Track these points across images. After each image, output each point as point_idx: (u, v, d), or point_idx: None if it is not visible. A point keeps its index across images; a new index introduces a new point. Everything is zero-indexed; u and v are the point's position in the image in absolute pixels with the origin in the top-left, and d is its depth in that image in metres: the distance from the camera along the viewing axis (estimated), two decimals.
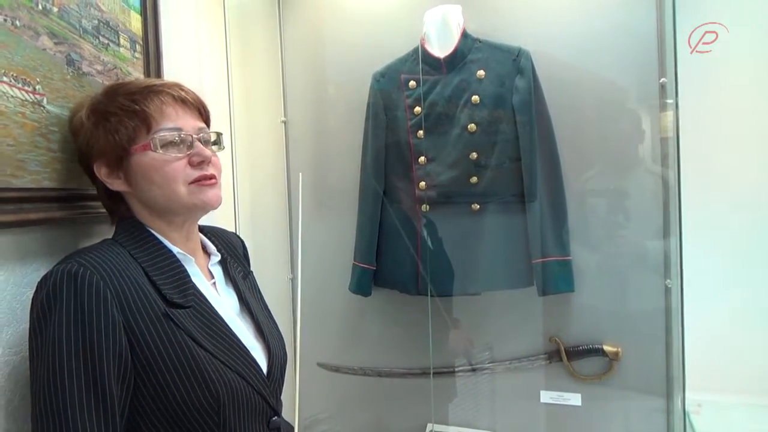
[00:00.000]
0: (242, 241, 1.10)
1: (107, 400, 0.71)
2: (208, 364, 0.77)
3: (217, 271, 0.94)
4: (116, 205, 0.88)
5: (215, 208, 0.87)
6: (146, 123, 0.81)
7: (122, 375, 0.73)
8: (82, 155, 0.87)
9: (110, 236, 0.86)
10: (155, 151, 0.80)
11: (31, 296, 0.75)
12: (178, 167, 0.82)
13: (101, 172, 0.84)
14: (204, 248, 0.96)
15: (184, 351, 0.76)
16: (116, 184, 0.84)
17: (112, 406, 0.71)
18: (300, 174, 1.66)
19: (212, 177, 0.85)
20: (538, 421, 1.74)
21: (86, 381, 0.70)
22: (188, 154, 0.83)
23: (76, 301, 0.71)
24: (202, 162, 0.84)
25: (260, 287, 1.06)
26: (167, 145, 0.81)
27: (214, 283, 0.92)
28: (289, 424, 0.98)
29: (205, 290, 0.86)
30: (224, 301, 0.90)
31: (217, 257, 0.95)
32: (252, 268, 1.08)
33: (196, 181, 0.83)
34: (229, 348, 0.82)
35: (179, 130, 0.83)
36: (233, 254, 1.02)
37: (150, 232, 0.85)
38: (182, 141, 0.83)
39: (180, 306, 0.79)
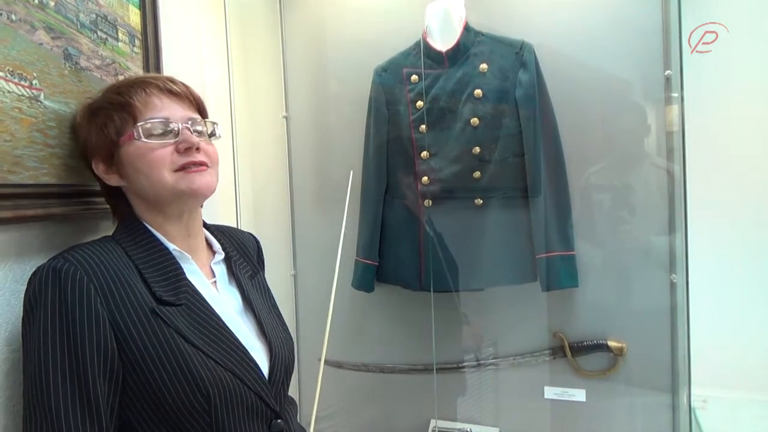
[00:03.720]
0: (257, 242, 1.08)
1: (91, 395, 0.70)
2: (197, 361, 0.76)
3: (220, 270, 0.93)
4: (117, 202, 0.88)
5: (206, 195, 0.86)
6: (132, 114, 0.81)
7: (109, 371, 0.72)
8: (83, 154, 0.88)
9: (111, 233, 0.86)
10: (139, 140, 0.80)
11: None
12: (163, 154, 0.81)
13: (99, 168, 0.85)
14: (210, 246, 0.95)
15: (171, 347, 0.75)
16: (113, 180, 0.85)
17: (96, 401, 0.70)
18: (351, 172, 1.65)
19: (201, 164, 0.83)
20: (542, 417, 1.73)
21: (70, 375, 0.70)
22: (175, 142, 0.82)
23: (60, 297, 0.71)
24: (189, 149, 0.82)
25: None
26: (152, 133, 0.81)
27: (215, 281, 0.90)
28: (301, 427, 0.96)
29: (202, 288, 0.85)
30: (224, 300, 0.88)
31: (220, 255, 0.94)
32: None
33: (183, 168, 0.81)
34: (224, 346, 0.80)
35: (166, 119, 0.82)
36: (243, 253, 1.00)
37: (148, 229, 0.84)
38: (169, 130, 0.82)
39: (170, 303, 0.78)
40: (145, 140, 0.80)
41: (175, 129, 0.82)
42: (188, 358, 0.75)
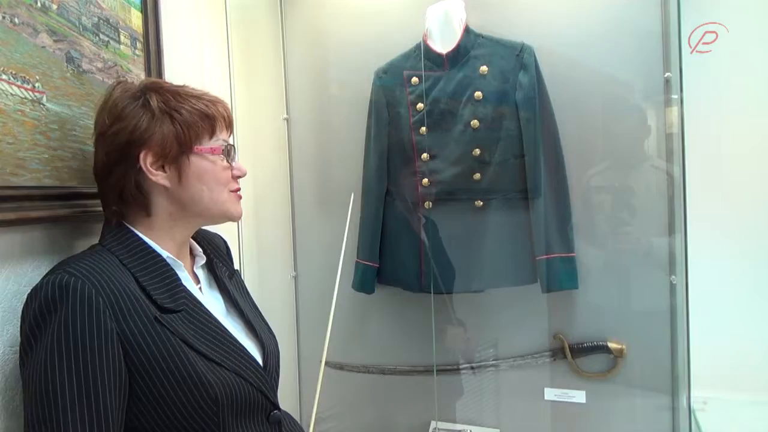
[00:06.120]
0: (224, 241, 1.11)
1: (102, 413, 0.70)
2: (203, 367, 0.77)
3: (202, 274, 0.96)
4: (119, 207, 0.84)
5: (235, 221, 0.96)
6: (212, 129, 0.86)
7: (118, 383, 0.72)
8: (122, 142, 0.81)
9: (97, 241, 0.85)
10: (220, 157, 0.87)
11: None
12: (227, 175, 0.88)
13: (146, 161, 0.81)
14: (191, 251, 0.97)
15: (179, 355, 0.76)
16: (159, 177, 0.82)
17: (107, 419, 0.70)
18: (352, 194, 1.67)
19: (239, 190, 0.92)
20: (542, 418, 1.73)
21: (78, 389, 0.69)
22: (232, 167, 0.90)
23: (70, 313, 0.70)
24: (239, 177, 0.91)
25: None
26: (226, 153, 0.88)
27: (200, 287, 0.93)
28: (290, 415, 0.99)
29: (194, 294, 0.86)
30: (210, 304, 0.90)
31: (201, 260, 0.96)
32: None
33: (234, 191, 0.90)
34: (226, 348, 0.82)
35: (229, 143, 0.89)
36: (218, 255, 1.02)
37: (139, 236, 0.83)
38: (233, 153, 0.91)
39: (171, 311, 0.79)
40: (223, 160, 0.87)
41: (233, 153, 0.90)
42: (195, 365, 0.76)
